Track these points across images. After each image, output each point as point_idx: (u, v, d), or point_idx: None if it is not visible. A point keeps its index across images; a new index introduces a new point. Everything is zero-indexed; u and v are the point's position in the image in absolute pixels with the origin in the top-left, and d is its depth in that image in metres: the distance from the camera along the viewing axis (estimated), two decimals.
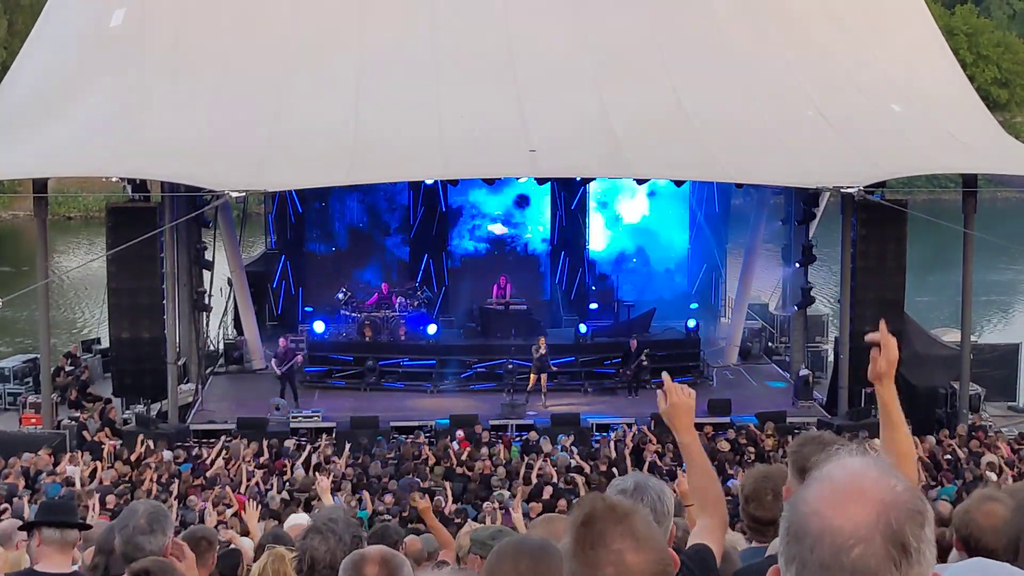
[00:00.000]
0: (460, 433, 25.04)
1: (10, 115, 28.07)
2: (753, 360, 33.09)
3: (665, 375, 4.56)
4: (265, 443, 24.44)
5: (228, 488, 21.49)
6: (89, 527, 6.24)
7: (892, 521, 2.13)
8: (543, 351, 28.04)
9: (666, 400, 4.42)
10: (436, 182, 30.41)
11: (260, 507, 20.24)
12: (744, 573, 4.84)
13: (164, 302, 26.74)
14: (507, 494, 21.63)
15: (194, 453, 24.61)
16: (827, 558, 2.13)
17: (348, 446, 24.11)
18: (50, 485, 21.85)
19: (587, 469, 23.02)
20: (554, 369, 28.30)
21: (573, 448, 24.45)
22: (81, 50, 29.33)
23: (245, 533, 17.66)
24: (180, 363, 28.18)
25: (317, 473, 13.11)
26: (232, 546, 9.29)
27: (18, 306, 39.04)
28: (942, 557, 3.87)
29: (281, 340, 28.94)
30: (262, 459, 23.82)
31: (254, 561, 7.00)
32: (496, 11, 29.30)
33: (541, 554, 3.20)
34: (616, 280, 34.18)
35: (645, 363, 28.73)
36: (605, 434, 25.84)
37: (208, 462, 23.68)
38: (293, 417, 26.58)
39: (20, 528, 7.45)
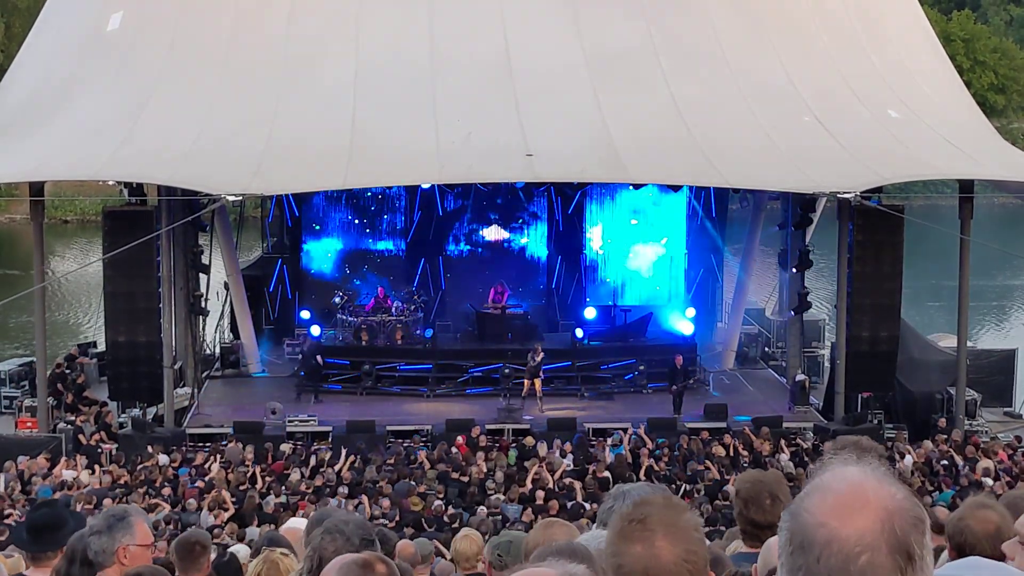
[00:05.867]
0: (459, 439, 25.04)
1: (7, 118, 28.06)
2: (750, 365, 33.11)
3: None
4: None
5: (224, 491, 21.49)
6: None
7: (897, 529, 2.15)
8: (539, 358, 28.00)
9: None
10: (433, 186, 30.40)
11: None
12: None
13: (160, 306, 26.70)
14: (503, 498, 21.67)
15: (188, 456, 24.61)
16: (834, 567, 2.15)
17: (344, 451, 24.08)
18: (43, 489, 21.83)
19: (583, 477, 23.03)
20: (543, 376, 28.23)
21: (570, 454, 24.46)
22: (78, 54, 29.32)
23: (241, 539, 17.68)
24: (176, 367, 28.16)
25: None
26: (230, 552, 9.28)
27: (14, 309, 39.02)
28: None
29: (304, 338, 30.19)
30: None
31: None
32: (493, 15, 29.29)
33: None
34: (613, 285, 34.16)
35: (692, 382, 28.86)
36: (602, 439, 25.83)
37: (207, 467, 23.67)
38: (289, 421, 26.56)
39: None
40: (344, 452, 23.93)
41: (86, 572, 5.50)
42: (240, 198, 24.44)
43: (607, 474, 22.92)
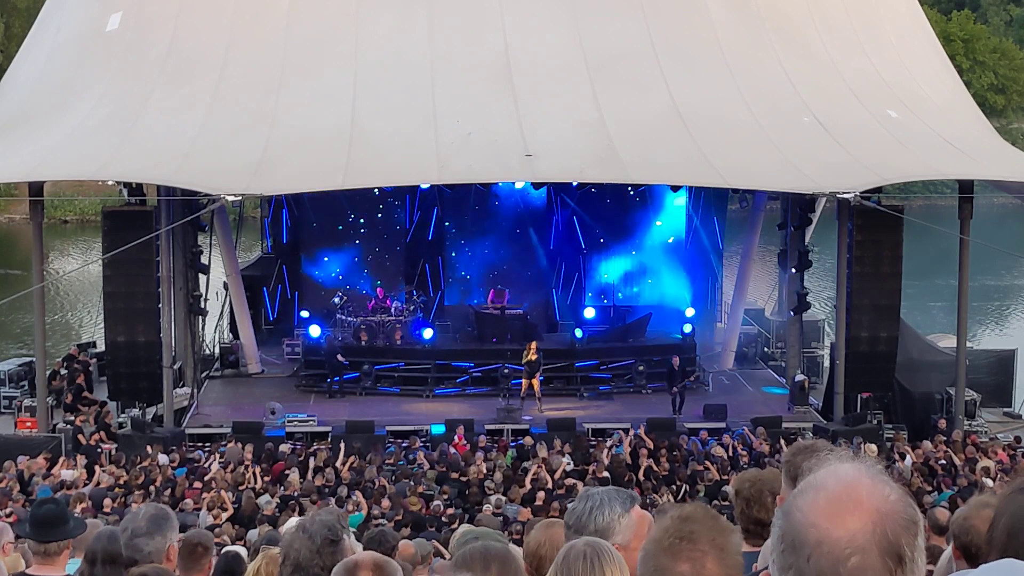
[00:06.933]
0: (457, 438, 25.00)
1: (7, 118, 28.04)
2: (749, 365, 33.12)
3: None
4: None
5: (224, 492, 21.46)
6: (77, 534, 6.19)
7: (888, 531, 2.14)
8: (533, 356, 27.98)
9: None
10: (432, 186, 30.39)
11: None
12: None
13: (160, 306, 26.68)
14: (503, 499, 21.64)
15: (188, 457, 24.60)
16: (824, 568, 2.14)
17: (343, 450, 24.06)
18: (43, 489, 21.80)
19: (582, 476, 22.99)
20: (542, 376, 28.21)
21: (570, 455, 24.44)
22: (78, 54, 29.30)
23: (240, 538, 17.68)
24: (176, 367, 28.15)
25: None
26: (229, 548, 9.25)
27: (14, 309, 39.02)
28: (931, 560, 3.83)
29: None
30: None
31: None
32: (493, 15, 29.28)
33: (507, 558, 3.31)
34: (612, 285, 34.17)
35: (691, 383, 28.89)
36: (602, 439, 25.82)
37: (206, 466, 23.65)
38: (288, 421, 26.55)
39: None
40: (343, 451, 23.92)
41: (110, 571, 5.48)
42: (239, 198, 24.43)
43: (607, 474, 22.89)
